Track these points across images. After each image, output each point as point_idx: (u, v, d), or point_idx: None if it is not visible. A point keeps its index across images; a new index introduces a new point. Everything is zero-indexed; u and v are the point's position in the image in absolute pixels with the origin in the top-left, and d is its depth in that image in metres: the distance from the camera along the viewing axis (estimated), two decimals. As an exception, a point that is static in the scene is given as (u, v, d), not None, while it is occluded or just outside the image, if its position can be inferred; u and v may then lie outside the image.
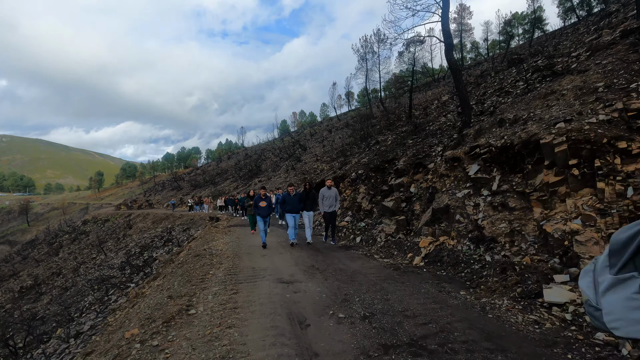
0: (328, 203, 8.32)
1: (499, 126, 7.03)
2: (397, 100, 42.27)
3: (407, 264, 6.28)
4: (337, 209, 8.58)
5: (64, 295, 23.28)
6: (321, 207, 8.35)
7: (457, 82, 8.37)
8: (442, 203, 6.62)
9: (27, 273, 36.75)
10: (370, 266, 6.26)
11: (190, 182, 56.28)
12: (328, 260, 6.93)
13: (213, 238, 11.40)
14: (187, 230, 24.88)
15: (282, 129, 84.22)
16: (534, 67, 13.11)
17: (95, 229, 46.71)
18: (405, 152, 10.75)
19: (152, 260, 19.23)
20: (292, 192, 8.55)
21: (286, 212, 8.60)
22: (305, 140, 48.81)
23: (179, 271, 7.33)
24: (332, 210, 8.38)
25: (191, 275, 6.29)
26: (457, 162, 7.03)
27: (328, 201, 8.32)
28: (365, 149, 18.14)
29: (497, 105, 10.49)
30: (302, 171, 31.72)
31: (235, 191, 37.78)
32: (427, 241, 6.43)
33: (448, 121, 12.06)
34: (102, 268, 25.37)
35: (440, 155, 8.63)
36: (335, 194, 8.41)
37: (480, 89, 16.35)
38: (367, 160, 14.02)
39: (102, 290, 18.19)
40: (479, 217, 5.78)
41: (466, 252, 5.55)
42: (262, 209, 8.55)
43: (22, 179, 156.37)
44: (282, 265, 6.59)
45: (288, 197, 8.54)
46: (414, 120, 15.79)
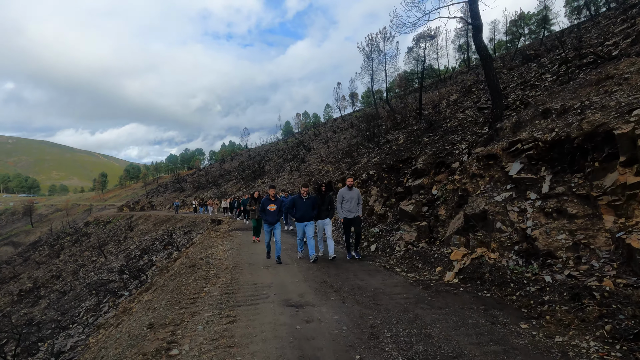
0: (348, 207, 6.91)
1: (543, 117, 6.02)
2: (403, 100, 41.29)
3: (438, 281, 5.27)
4: (360, 214, 7.06)
5: (62, 300, 22.69)
6: (340, 212, 7.01)
7: (488, 70, 7.36)
8: (477, 208, 5.62)
9: (27, 275, 36.26)
10: (393, 283, 5.27)
11: (193, 184, 55.56)
12: (342, 274, 5.94)
13: (212, 244, 10.46)
14: (188, 233, 24.12)
15: (286, 130, 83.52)
16: (560, 59, 12.11)
17: (97, 231, 46.19)
18: (423, 151, 9.75)
19: (149, 265, 18.43)
20: (304, 195, 6.98)
21: (296, 220, 7.09)
22: (310, 141, 47.91)
23: (170, 285, 6.39)
24: (355, 216, 6.90)
25: (182, 292, 5.34)
26: (492, 160, 6.03)
27: (348, 204, 6.91)
28: (375, 148, 17.15)
29: (525, 98, 9.47)
30: (307, 172, 30.80)
31: (238, 192, 36.92)
32: (460, 253, 5.42)
33: (468, 117, 11.04)
34: (102, 271, 24.77)
35: (467, 153, 7.62)
36: (357, 195, 6.98)
37: (504, 81, 15.32)
38: (379, 160, 13.03)
39: (100, 294, 17.46)
40: (527, 225, 4.77)
41: (514, 268, 4.54)
42: (271, 214, 7.02)
43: (26, 180, 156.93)
44: (288, 280, 5.61)
45: (299, 201, 6.96)
46: (428, 118, 14.78)
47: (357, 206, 6.98)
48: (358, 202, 7.00)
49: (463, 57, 52.04)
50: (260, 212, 7.14)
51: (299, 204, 6.96)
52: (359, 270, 6.17)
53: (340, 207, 7.01)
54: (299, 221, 7.03)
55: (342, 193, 7.05)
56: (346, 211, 6.94)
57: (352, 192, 7.01)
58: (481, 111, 11.06)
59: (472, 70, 40.88)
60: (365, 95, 76.91)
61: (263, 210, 7.05)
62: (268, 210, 7.02)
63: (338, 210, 7.06)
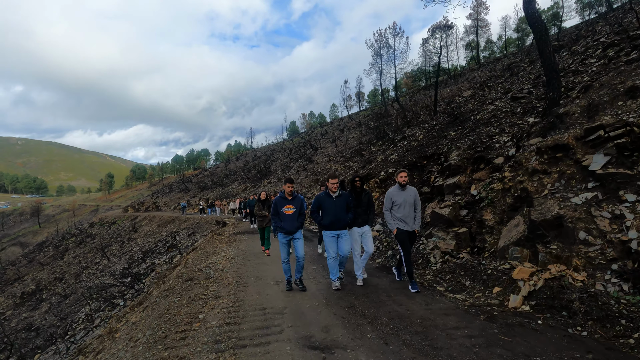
0: (402, 214, 4.85)
1: (629, 97, 4.79)
2: (412, 98, 39.93)
3: (500, 307, 4.07)
4: (419, 227, 5.02)
5: (62, 304, 22.20)
6: (390, 222, 4.99)
7: (543, 45, 6.04)
8: (547, 213, 4.40)
9: (31, 277, 35.93)
10: (442, 309, 4.07)
11: (198, 184, 54.80)
12: (371, 294, 4.77)
13: (214, 250, 9.35)
14: (192, 235, 23.29)
15: (291, 130, 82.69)
16: (604, 44, 10.83)
17: (102, 232, 45.75)
18: (454, 145, 8.53)
19: (150, 270, 17.57)
20: (334, 191, 4.91)
21: (325, 228, 5.03)
22: (316, 141, 46.80)
23: (162, 304, 5.27)
24: (413, 229, 4.93)
25: (172, 319, 4.20)
26: (561, 152, 4.81)
27: (402, 210, 4.85)
28: (390, 145, 15.94)
29: (573, 84, 8.20)
30: (314, 172, 29.68)
31: (244, 193, 35.93)
32: (527, 270, 4.21)
33: (502, 108, 9.79)
34: (104, 274, 24.23)
35: (515, 145, 6.38)
36: (414, 196, 4.93)
37: (527, 74, 14.02)
38: (397, 157, 11.83)
39: (100, 300, 16.81)
40: (629, 237, 3.55)
41: (619, 297, 3.32)
42: (288, 220, 4.99)
43: (35, 181, 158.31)
44: (306, 303, 4.44)
45: (327, 200, 4.93)
46: (450, 112, 13.53)
47: (415, 213, 4.90)
48: (416, 206, 4.90)
49: (472, 55, 50.68)
50: (273, 217, 5.04)
51: (328, 205, 4.91)
52: (392, 289, 4.99)
53: (389, 214, 4.99)
54: (327, 229, 4.96)
55: (392, 194, 4.96)
56: (398, 220, 4.90)
57: (407, 193, 4.89)
58: (516, 101, 9.80)
59: (483, 67, 39.56)
60: (371, 95, 75.67)
61: (276, 214, 5.00)
62: (283, 213, 4.96)
63: (387, 218, 5.02)
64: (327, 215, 4.95)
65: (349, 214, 5.00)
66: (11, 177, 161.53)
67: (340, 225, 4.94)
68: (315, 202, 5.08)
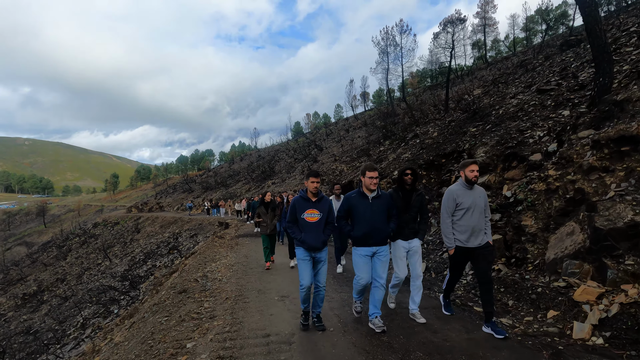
0: (471, 222, 3.48)
1: None
2: (419, 97, 39.09)
3: (561, 337, 3.24)
4: (491, 239, 3.62)
5: (62, 307, 21.89)
6: (448, 235, 3.58)
7: (592, 23, 5.08)
8: (617, 219, 3.56)
9: (33, 278, 35.77)
10: (488, 339, 3.24)
11: (202, 185, 54.33)
12: (396, 317, 3.96)
13: (214, 256, 8.61)
14: (194, 237, 22.81)
15: (296, 130, 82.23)
16: (637, 33, 9.95)
17: (105, 233, 45.52)
18: (479, 141, 7.70)
19: (151, 272, 17.00)
20: (372, 189, 3.55)
21: (355, 243, 3.64)
22: (321, 141, 46.06)
23: (148, 323, 4.51)
24: (484, 244, 3.50)
25: (153, 350, 3.42)
26: (627, 146, 3.98)
27: (471, 218, 3.48)
28: (401, 143, 15.10)
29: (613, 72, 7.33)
30: (320, 172, 28.96)
31: (248, 193, 35.27)
32: (593, 292, 3.38)
33: (529, 101, 8.93)
34: (105, 276, 23.94)
35: (556, 140, 5.54)
36: (484, 200, 3.57)
37: (546, 68, 13.12)
38: (411, 155, 11.01)
39: (98, 304, 16.40)
40: None
41: None
42: (311, 230, 3.62)
43: (41, 181, 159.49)
44: (318, 329, 3.65)
45: (360, 203, 3.56)
46: (466, 107, 12.67)
47: (486, 221, 3.54)
48: (485, 211, 3.53)
49: (480, 54, 49.75)
50: (289, 226, 3.69)
51: (362, 210, 3.51)
52: (420, 308, 4.17)
53: (448, 224, 3.56)
54: (359, 244, 3.57)
55: (456, 194, 3.54)
56: (462, 232, 3.48)
57: (476, 194, 3.53)
58: (544, 94, 8.94)
59: (491, 66, 38.58)
60: (376, 94, 74.89)
61: (294, 222, 3.66)
62: (305, 221, 3.60)
63: (444, 228, 3.59)
64: (359, 224, 3.51)
65: (390, 222, 3.60)
66: (18, 177, 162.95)
67: (378, 238, 3.52)
68: (345, 206, 3.61)
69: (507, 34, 54.46)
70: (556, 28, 49.74)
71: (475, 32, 49.74)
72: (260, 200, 7.12)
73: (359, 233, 3.54)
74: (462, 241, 3.52)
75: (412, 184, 3.78)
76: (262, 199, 7.14)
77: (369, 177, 3.51)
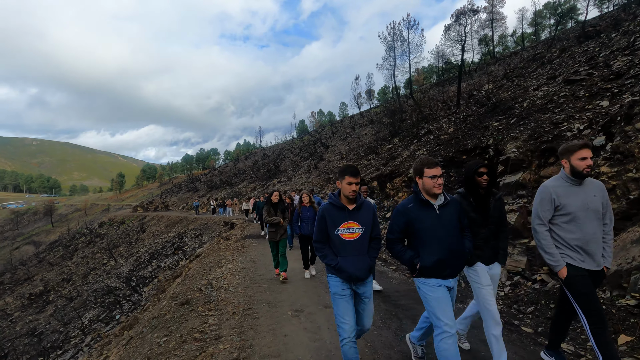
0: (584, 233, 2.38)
1: None
2: (426, 94, 38.30)
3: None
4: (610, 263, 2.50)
5: (67, 307, 21.74)
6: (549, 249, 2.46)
7: None
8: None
9: (40, 277, 35.82)
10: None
11: (207, 184, 54.09)
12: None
13: (219, 260, 8.11)
14: (199, 237, 22.43)
15: (301, 129, 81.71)
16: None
17: (111, 232, 45.53)
18: (507, 135, 7.08)
19: (155, 274, 16.66)
20: (436, 193, 2.38)
21: (420, 274, 2.42)
22: (327, 139, 45.49)
23: (145, 342, 4.00)
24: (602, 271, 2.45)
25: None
26: None
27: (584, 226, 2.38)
28: (413, 140, 14.48)
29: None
30: (326, 170, 28.41)
31: (253, 192, 34.86)
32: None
33: (559, 92, 8.27)
34: (110, 276, 23.76)
35: (602, 132, 4.91)
36: (600, 197, 2.41)
37: (566, 59, 12.40)
38: (427, 152, 10.40)
39: (103, 306, 16.14)
40: None
41: None
42: (351, 253, 2.48)
43: (48, 181, 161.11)
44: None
45: (423, 214, 2.41)
46: (482, 101, 12.02)
47: (605, 232, 2.45)
48: (606, 219, 2.44)
49: (488, 49, 48.79)
50: (318, 247, 2.56)
51: (427, 224, 2.39)
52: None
53: (546, 233, 2.48)
54: (430, 274, 2.39)
55: (556, 190, 2.44)
56: (570, 247, 2.42)
57: (589, 190, 2.41)
58: (574, 84, 8.27)
59: (500, 61, 37.65)
60: (381, 92, 74.04)
61: (324, 241, 2.55)
62: (340, 240, 2.48)
63: (540, 240, 2.50)
64: (428, 247, 2.36)
65: (464, 240, 2.47)
66: (26, 177, 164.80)
67: (457, 265, 2.41)
68: (399, 222, 2.45)
69: (515, 29, 53.48)
70: (564, 23, 49.06)
71: (482, 27, 48.65)
72: (266, 200, 6.06)
73: (429, 261, 2.33)
74: (575, 258, 2.37)
75: (488, 186, 2.62)
76: (268, 198, 6.04)
77: (429, 177, 2.32)
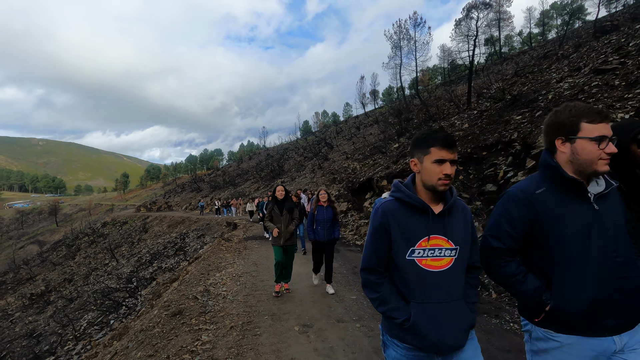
0: None
1: None
2: (432, 93, 37.59)
3: None
4: None
5: (67, 309, 21.39)
6: None
7: None
8: None
9: (42, 277, 35.60)
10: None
11: (210, 184, 53.72)
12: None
13: (219, 263, 7.53)
14: (201, 238, 21.96)
15: (304, 129, 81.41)
16: None
17: (113, 232, 45.32)
18: (535, 128, 6.43)
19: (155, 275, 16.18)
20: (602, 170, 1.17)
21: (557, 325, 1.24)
22: (331, 138, 44.88)
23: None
24: None
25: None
26: None
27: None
28: (423, 138, 13.85)
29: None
30: (331, 170, 27.81)
31: (257, 193, 34.35)
32: None
33: (589, 82, 7.62)
34: (111, 277, 23.38)
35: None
36: None
37: (588, 51, 11.71)
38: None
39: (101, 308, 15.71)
40: None
41: None
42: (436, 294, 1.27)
43: (54, 181, 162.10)
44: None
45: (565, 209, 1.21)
46: (497, 96, 11.37)
47: None
48: None
49: (494, 50, 48.08)
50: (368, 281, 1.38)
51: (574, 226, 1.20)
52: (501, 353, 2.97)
53: None
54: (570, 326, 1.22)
55: None
56: None
57: None
58: (604, 73, 7.62)
59: (507, 61, 36.88)
60: (386, 92, 73.41)
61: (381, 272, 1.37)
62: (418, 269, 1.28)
63: None
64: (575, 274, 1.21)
65: None
66: (31, 177, 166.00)
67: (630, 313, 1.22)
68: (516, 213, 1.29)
69: (522, 29, 52.82)
70: (572, 22, 49.06)
71: (490, 26, 47.82)
72: (271, 198, 5.05)
73: (576, 300, 1.21)
74: None
75: None
76: (272, 195, 5.04)
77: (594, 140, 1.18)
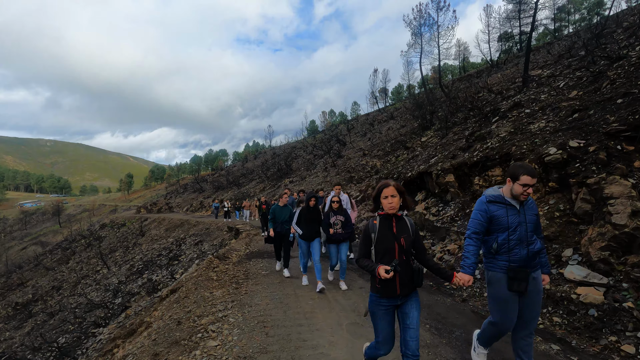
0: None
1: None
2: (453, 86, 34.23)
3: None
4: None
5: (46, 325, 18.81)
6: None
7: None
8: None
9: (32, 283, 33.06)
10: None
11: (213, 184, 50.80)
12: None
13: (204, 309, 4.32)
14: (198, 245, 19.03)
15: (311, 129, 78.86)
16: None
17: (110, 235, 42.74)
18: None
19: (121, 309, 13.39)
20: None
21: None
22: (343, 136, 41.70)
23: None
24: None
25: None
26: None
27: None
28: (482, 125, 10.53)
29: None
30: (347, 168, 24.61)
31: (262, 193, 31.22)
32: None
33: None
34: (99, 287, 20.81)
35: None
36: None
37: None
38: (496, 144, 6.47)
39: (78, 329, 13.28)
40: None
41: None
42: None
43: (59, 181, 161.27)
44: None
45: None
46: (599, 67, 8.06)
47: None
48: None
49: (510, 44, 44.56)
50: None
51: None
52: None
53: None
54: None
55: None
56: None
57: None
58: None
59: (535, 52, 33.45)
60: (395, 91, 70.06)
61: None
62: None
63: None
64: None
65: None
66: (37, 177, 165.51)
67: None
68: None
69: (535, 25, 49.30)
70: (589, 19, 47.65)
71: (508, 18, 44.09)
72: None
73: None
74: None
75: None
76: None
77: None
